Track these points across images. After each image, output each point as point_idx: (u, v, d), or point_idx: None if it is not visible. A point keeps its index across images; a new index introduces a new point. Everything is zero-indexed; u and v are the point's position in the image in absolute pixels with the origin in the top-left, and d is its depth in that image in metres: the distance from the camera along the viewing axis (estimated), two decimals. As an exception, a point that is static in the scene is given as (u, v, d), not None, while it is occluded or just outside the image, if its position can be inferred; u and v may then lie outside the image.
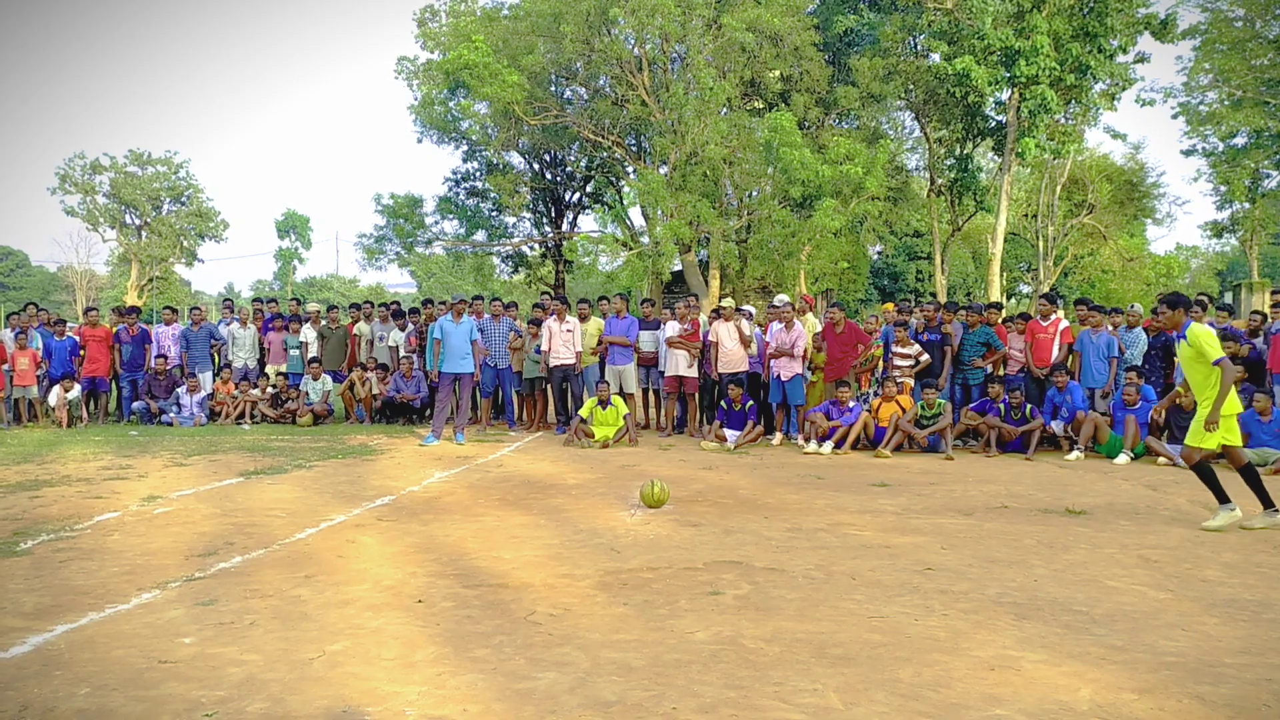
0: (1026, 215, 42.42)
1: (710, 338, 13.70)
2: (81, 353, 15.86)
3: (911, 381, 12.94)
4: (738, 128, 25.76)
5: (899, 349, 13.22)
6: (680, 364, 13.65)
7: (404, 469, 10.68)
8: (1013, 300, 48.68)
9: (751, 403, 13.10)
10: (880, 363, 13.74)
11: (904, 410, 12.33)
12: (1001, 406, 12.31)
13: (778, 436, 13.29)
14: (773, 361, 13.23)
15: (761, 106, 28.46)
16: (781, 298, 14.59)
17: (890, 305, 15.32)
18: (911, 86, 28.39)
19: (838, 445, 12.26)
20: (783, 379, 13.12)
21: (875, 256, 45.86)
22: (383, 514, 8.05)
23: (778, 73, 27.58)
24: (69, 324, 17.50)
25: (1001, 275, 33.48)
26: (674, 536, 7.15)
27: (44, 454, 11.89)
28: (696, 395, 14.07)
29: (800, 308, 14.30)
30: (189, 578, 5.91)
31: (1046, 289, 33.28)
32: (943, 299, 26.91)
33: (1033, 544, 6.94)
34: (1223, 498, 7.51)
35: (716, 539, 7.06)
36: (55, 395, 15.40)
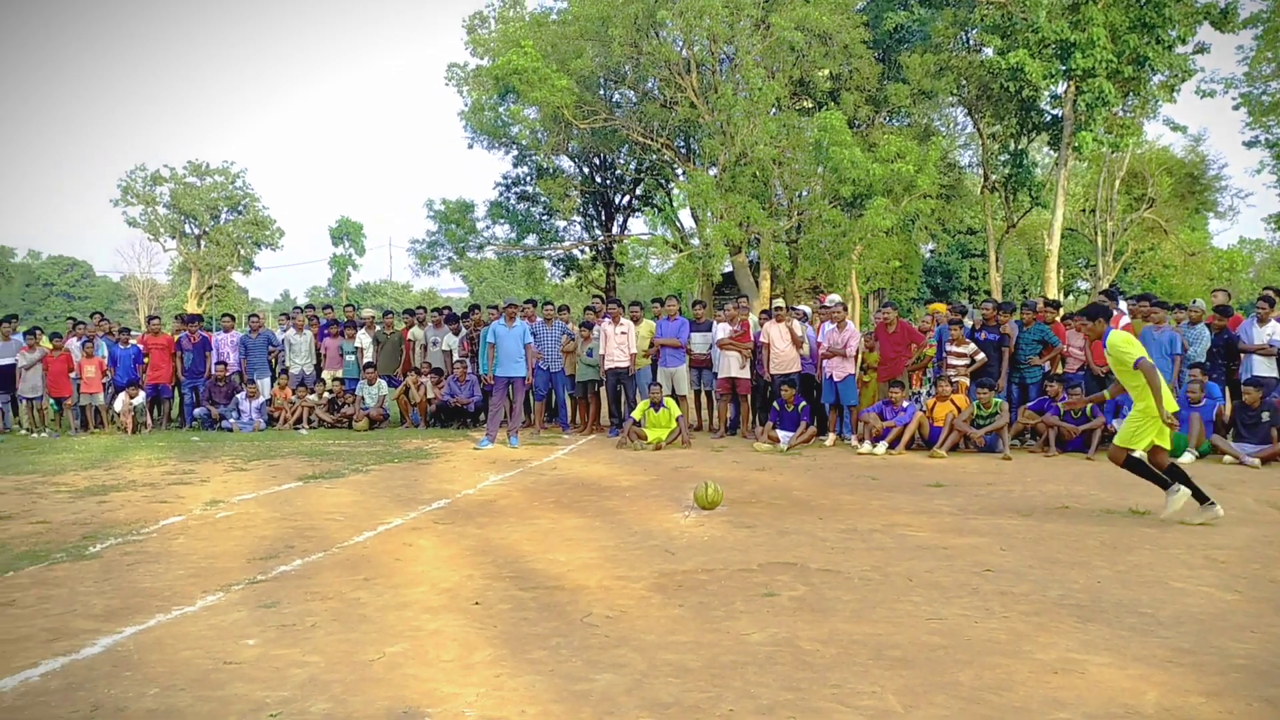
0: (1084, 210, 41.72)
1: (762, 338, 13.66)
2: (145, 360, 16.20)
3: (967, 381, 12.78)
4: (787, 128, 25.64)
5: (953, 348, 13.05)
6: (732, 365, 13.62)
7: (459, 472, 10.77)
8: (1070, 297, 47.87)
9: (804, 403, 13.03)
10: (933, 362, 13.58)
11: (959, 410, 12.18)
12: (1061, 405, 12.11)
13: (831, 437, 13.20)
14: (825, 362, 13.15)
15: (811, 106, 28.31)
16: (833, 297, 14.50)
17: (942, 306, 15.15)
18: (964, 82, 28.06)
19: (892, 445, 12.15)
20: (835, 379, 13.04)
21: (928, 255, 45.39)
22: (439, 517, 8.13)
23: (827, 71, 27.40)
24: (133, 332, 17.91)
25: (1059, 272, 32.98)
26: (728, 538, 7.13)
27: (111, 460, 12.16)
28: (749, 396, 14.02)
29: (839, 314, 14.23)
30: (251, 580, 6.01)
31: (1106, 285, 32.69)
32: (998, 297, 26.53)
33: (1095, 545, 6.82)
34: (1164, 484, 7.69)
35: (771, 540, 7.04)
36: (121, 402, 15.75)
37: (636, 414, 13.29)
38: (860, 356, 13.29)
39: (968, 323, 13.51)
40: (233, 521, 8.00)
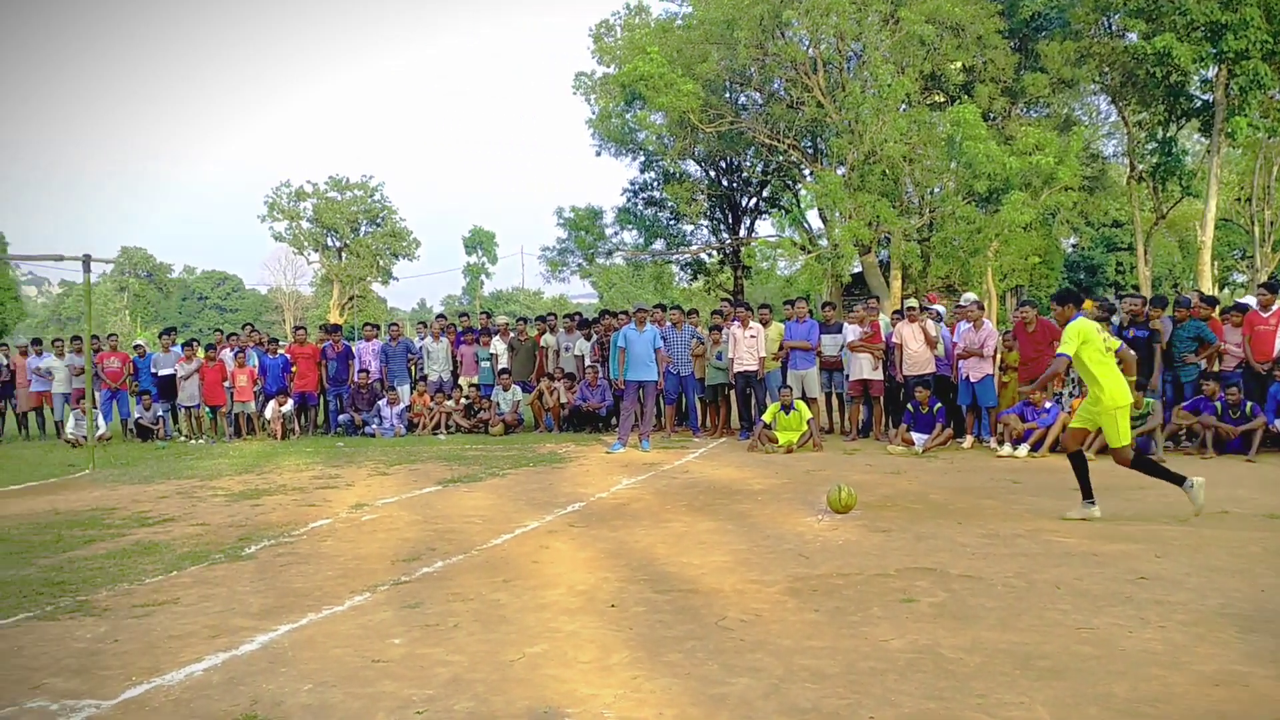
0: (1239, 199, 39.46)
1: (894, 339, 13.39)
2: (292, 369, 16.91)
3: (1114, 380, 12.23)
4: (918, 123, 25.06)
5: (1099, 346, 12.52)
6: (864, 367, 13.40)
7: (592, 476, 10.89)
8: (1225, 290, 45.40)
9: (940, 405, 12.72)
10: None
11: (1106, 410, 11.68)
12: (1218, 405, 11.50)
13: (969, 439, 12.85)
14: (961, 362, 12.81)
15: (943, 100, 27.62)
16: (968, 296, 14.11)
17: (1089, 302, 14.55)
18: (1106, 69, 26.90)
19: (1034, 448, 11.75)
20: (972, 380, 12.69)
21: (1069, 250, 43.76)
22: (573, 520, 8.24)
23: (959, 64, 26.70)
24: (280, 343, 18.73)
25: (1213, 265, 31.30)
26: (863, 542, 7.02)
27: (262, 465, 12.74)
28: (881, 398, 13.77)
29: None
30: (396, 581, 6.21)
31: (1264, 277, 30.87)
32: (1146, 292, 25.37)
33: (1258, 551, 6.45)
34: (1087, 493, 7.79)
35: (908, 545, 6.89)
36: (270, 410, 16.50)
37: (767, 417, 13.20)
38: (999, 356, 12.90)
39: (1115, 319, 12.95)
40: (377, 524, 8.28)
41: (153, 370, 17.12)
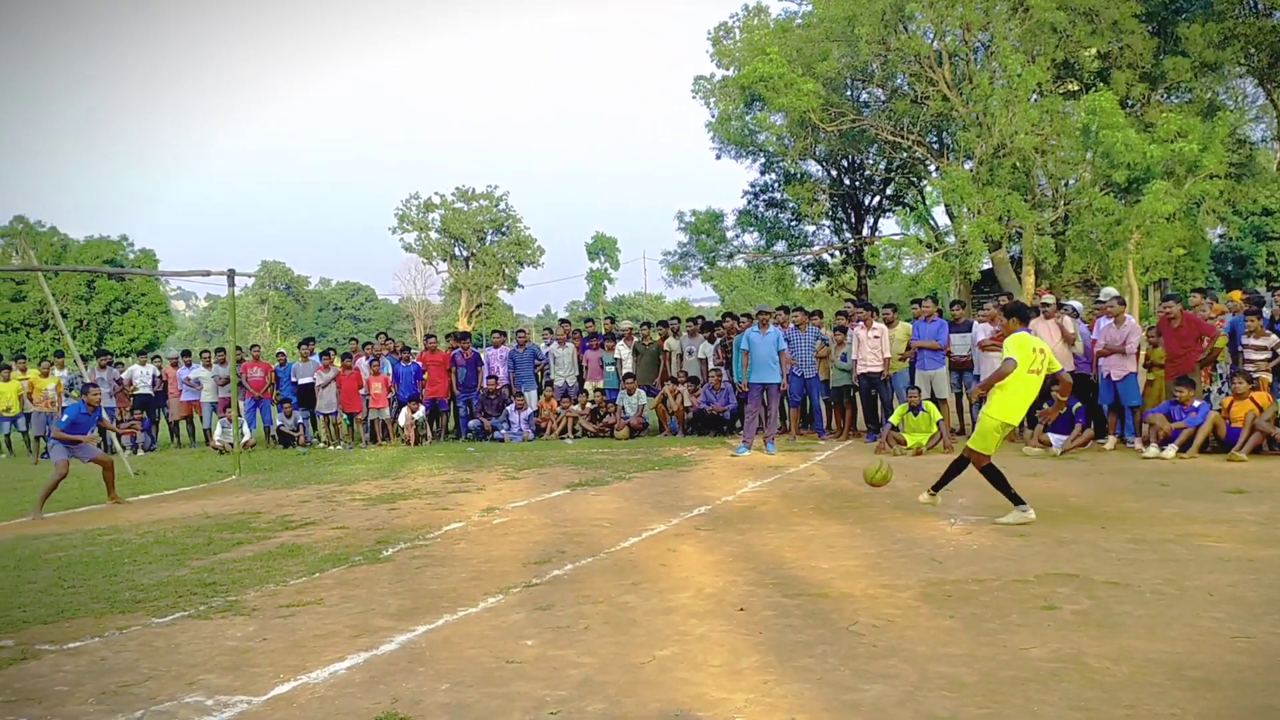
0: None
1: (1030, 337, 12.95)
2: (424, 376, 17.37)
3: (1269, 376, 11.58)
4: (1050, 113, 24.26)
5: (1251, 340, 11.88)
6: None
7: (718, 479, 10.87)
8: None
9: (1079, 405, 12.24)
10: (1225, 357, 12.40)
11: (1261, 409, 11.07)
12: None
13: (1111, 440, 12.34)
14: (1101, 360, 12.31)
15: (1076, 88, 26.65)
16: (1108, 291, 13.56)
17: (1237, 294, 13.83)
18: (1253, 50, 25.53)
19: (1182, 449, 11.20)
20: (1114, 379, 12.18)
21: (1216, 240, 41.66)
22: (700, 523, 8.23)
23: (1094, 50, 25.71)
24: (412, 351, 19.28)
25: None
26: (999, 546, 6.81)
27: (397, 470, 13.12)
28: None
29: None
30: (527, 584, 6.31)
31: None
32: (1301, 283, 23.96)
33: None
34: (1015, 500, 7.75)
35: (1048, 550, 6.65)
36: (404, 416, 16.98)
37: (894, 419, 12.95)
38: (1142, 353, 12.35)
39: (1266, 312, 12.26)
40: (508, 527, 8.43)
41: (292, 379, 17.81)
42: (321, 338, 78.99)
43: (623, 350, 16.89)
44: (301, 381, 17.68)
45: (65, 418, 11.38)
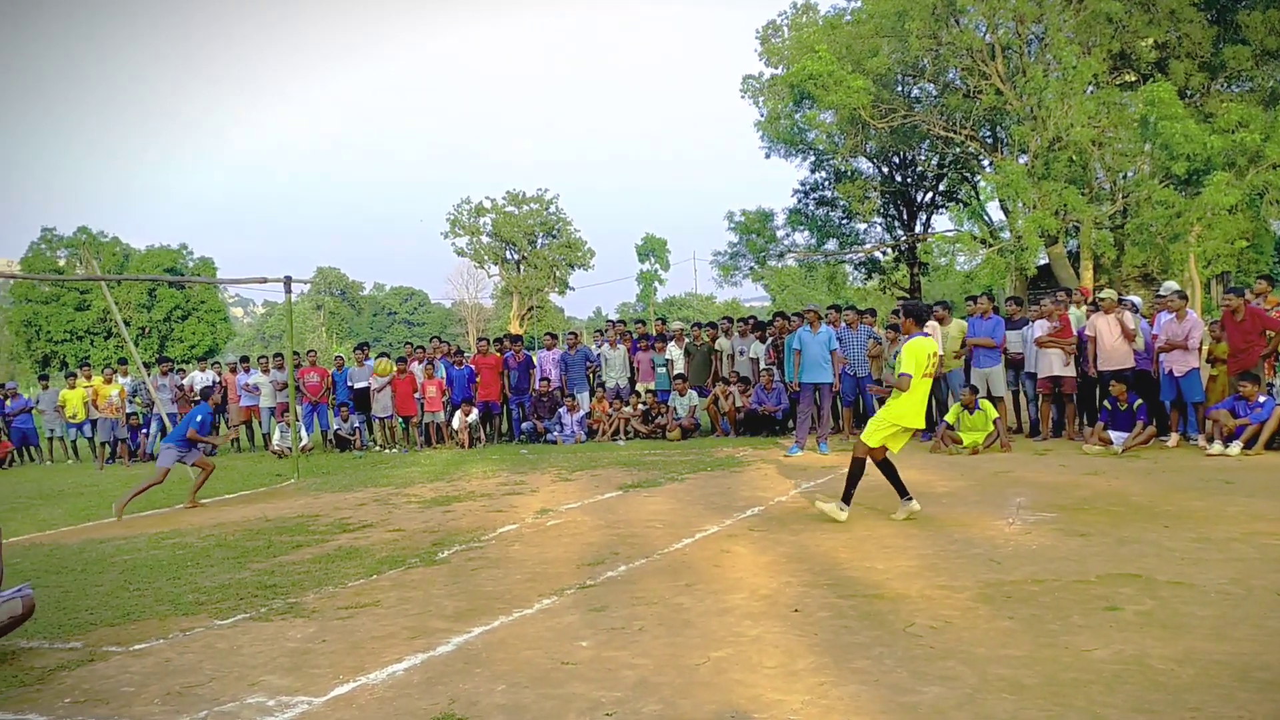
0: None
1: (1088, 332, 12.73)
2: (477, 379, 17.49)
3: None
4: (1107, 105, 23.84)
5: (1318, 334, 11.56)
6: (1055, 364, 12.79)
7: (770, 480, 10.82)
8: None
9: (1140, 401, 12.01)
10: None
11: (1330, 404, 10.77)
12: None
13: (1173, 437, 12.08)
14: (1163, 356, 12.06)
15: (1134, 79, 26.17)
16: (1169, 285, 13.28)
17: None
18: (1317, 36, 24.87)
19: (1247, 445, 10.93)
20: (1176, 374, 11.92)
21: (1280, 232, 40.55)
22: (753, 524, 8.20)
23: (1151, 40, 25.22)
24: (465, 354, 19.43)
25: None
26: (1059, 547, 6.70)
27: (451, 473, 13.24)
28: (1074, 396, 13.11)
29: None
30: (581, 585, 6.33)
31: None
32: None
33: None
34: (902, 493, 8.13)
35: (1109, 550, 6.53)
36: (458, 419, 17.13)
37: (949, 417, 12.80)
38: (1205, 348, 12.07)
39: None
40: (561, 529, 8.47)
41: (349, 383, 18.04)
42: (376, 342, 79.94)
43: (674, 351, 16.88)
44: (357, 386, 17.90)
45: (199, 418, 11.82)
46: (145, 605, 6.50)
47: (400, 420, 17.63)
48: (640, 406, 16.75)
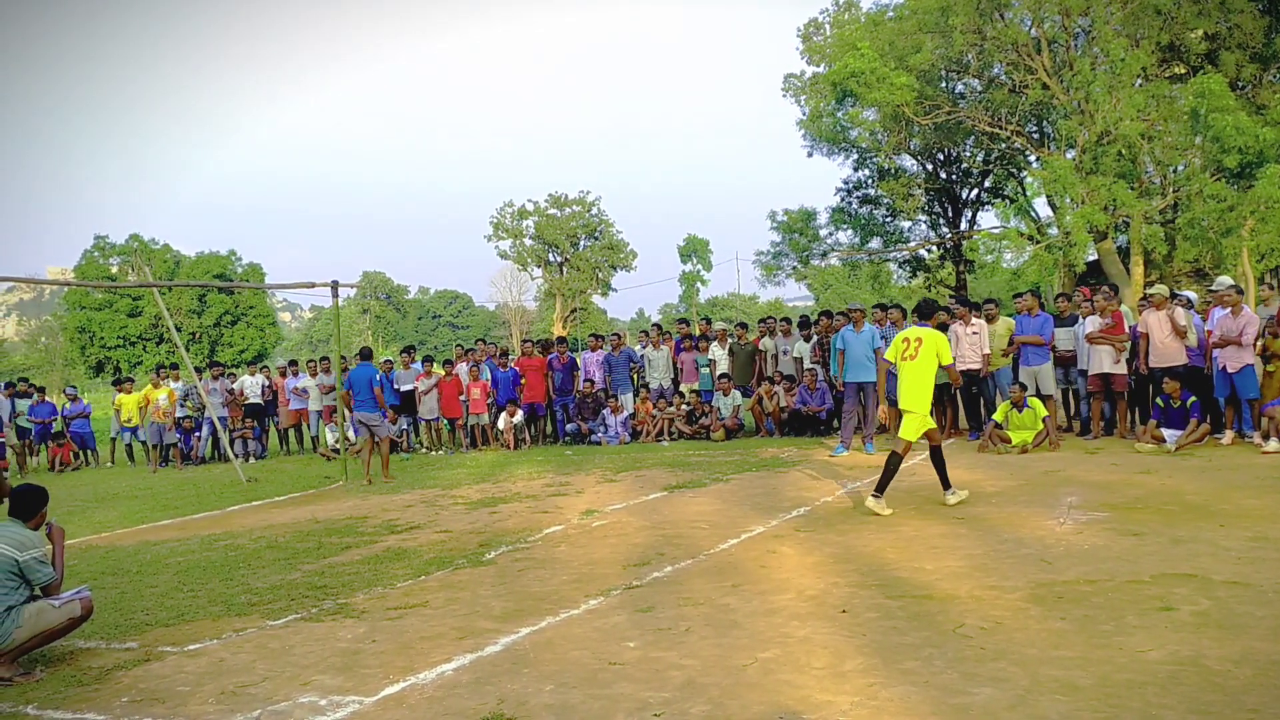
0: None
1: (1140, 329, 12.52)
2: (522, 381, 17.57)
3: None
4: (1156, 98, 23.46)
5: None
6: (1105, 361, 12.60)
7: (816, 480, 10.77)
8: None
9: (1194, 399, 11.79)
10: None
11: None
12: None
13: (1228, 435, 11.84)
14: (1216, 352, 11.84)
15: (1183, 71, 25.71)
16: (1222, 280, 13.03)
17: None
18: (1372, 24, 24.30)
19: (1306, 443, 10.70)
20: (1230, 371, 11.69)
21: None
22: (800, 524, 8.17)
23: (1201, 32, 24.77)
24: (510, 355, 19.52)
25: None
26: (1112, 546, 6.60)
27: (497, 474, 13.31)
28: (1126, 393, 12.90)
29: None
30: (628, 586, 6.34)
31: None
32: None
33: None
34: (946, 485, 8.72)
35: (1163, 549, 6.42)
36: (503, 420, 17.22)
37: (998, 416, 12.65)
38: (1260, 344, 11.83)
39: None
40: (607, 530, 8.49)
41: (395, 386, 18.19)
42: (421, 345, 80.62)
43: (717, 351, 16.84)
44: (404, 388, 18.04)
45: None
46: (199, 606, 6.61)
47: (446, 422, 17.76)
48: (684, 407, 16.74)
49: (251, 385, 19.62)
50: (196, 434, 19.00)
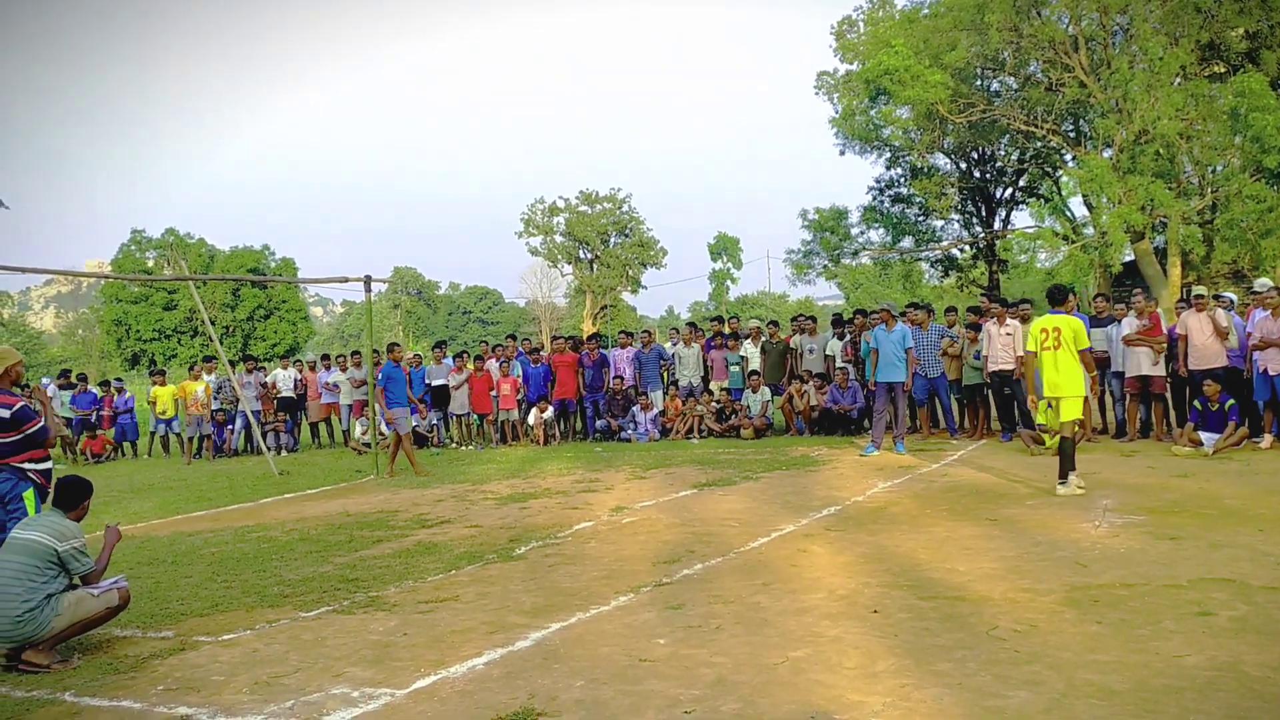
0: None
1: (1179, 330, 12.36)
2: (554, 377, 17.59)
3: None
4: (1195, 97, 23.16)
5: None
6: (1144, 363, 12.45)
7: (847, 479, 10.71)
8: None
9: (1232, 401, 11.62)
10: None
11: None
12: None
13: (1267, 439, 11.66)
14: (1257, 354, 11.66)
15: (1223, 70, 25.37)
16: (1263, 282, 12.84)
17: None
18: None
19: (1347, 448, 10.52)
20: (1271, 373, 11.51)
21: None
22: (830, 524, 8.13)
23: (1241, 30, 24.43)
24: (541, 351, 19.54)
25: None
26: (1149, 550, 6.51)
27: (527, 470, 13.35)
28: (1165, 396, 12.74)
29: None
30: (658, 583, 6.34)
31: None
32: None
33: None
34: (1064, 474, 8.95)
35: (1201, 554, 6.33)
36: (533, 416, 17.26)
37: (1039, 418, 12.52)
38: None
39: None
40: (637, 527, 8.48)
41: (426, 381, 18.26)
42: (451, 340, 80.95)
43: (748, 349, 16.79)
44: (435, 383, 18.11)
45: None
46: (233, 597, 6.67)
47: (476, 418, 17.83)
48: (714, 405, 16.70)
49: (284, 379, 19.78)
50: (230, 426, 19.19)
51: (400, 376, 14.20)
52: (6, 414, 6.40)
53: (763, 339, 16.81)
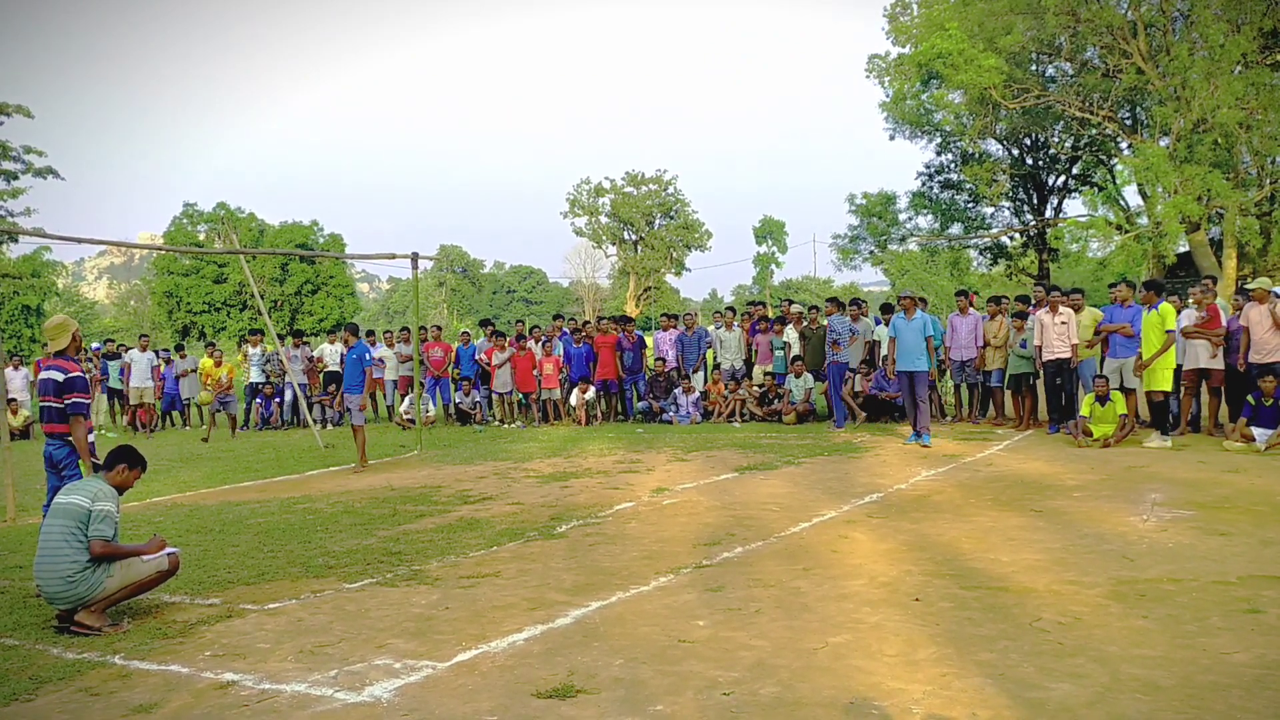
0: None
1: (1239, 322, 12.10)
2: (595, 357, 17.62)
3: None
4: (1256, 86, 22.59)
5: None
6: (1201, 355, 12.21)
7: (890, 467, 10.65)
8: None
9: (1287, 397, 11.38)
10: None
11: None
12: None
13: (1322, 436, 11.41)
14: (1313, 350, 11.39)
15: (1287, 58, 24.73)
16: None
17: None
18: None
19: (1406, 447, 10.28)
20: (1327, 369, 11.26)
21: None
22: (872, 511, 8.09)
23: (1307, 16, 23.77)
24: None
25: None
26: (1198, 546, 6.41)
27: (568, 449, 13.40)
28: (1221, 390, 12.49)
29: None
30: (698, 565, 6.35)
31: None
32: None
33: None
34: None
35: (1252, 550, 6.23)
36: (575, 396, 17.32)
37: (1084, 409, 12.36)
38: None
39: None
40: (678, 508, 8.50)
41: (475, 357, 18.36)
42: (494, 319, 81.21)
43: (791, 334, 16.70)
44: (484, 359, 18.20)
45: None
46: (278, 566, 6.78)
47: (520, 396, 17.91)
48: (756, 389, 16.65)
49: (330, 353, 19.98)
50: (277, 399, 19.44)
51: (357, 361, 13.02)
52: (61, 378, 6.53)
53: (804, 324, 16.69)
